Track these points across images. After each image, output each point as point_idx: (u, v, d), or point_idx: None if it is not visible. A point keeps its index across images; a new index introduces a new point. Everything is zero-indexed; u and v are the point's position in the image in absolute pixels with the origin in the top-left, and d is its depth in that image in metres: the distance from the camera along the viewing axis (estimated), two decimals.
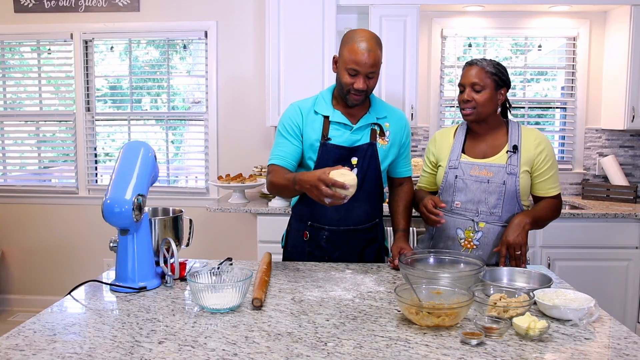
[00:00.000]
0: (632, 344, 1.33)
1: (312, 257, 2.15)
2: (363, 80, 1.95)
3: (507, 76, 2.03)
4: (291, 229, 2.25)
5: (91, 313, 1.56)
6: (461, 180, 2.05)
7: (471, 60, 2.05)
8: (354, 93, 1.97)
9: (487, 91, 1.99)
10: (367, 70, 1.93)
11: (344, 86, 1.98)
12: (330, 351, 1.29)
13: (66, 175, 4.20)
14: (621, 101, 3.62)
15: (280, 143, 2.08)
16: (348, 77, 1.96)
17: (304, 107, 2.09)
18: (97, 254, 4.06)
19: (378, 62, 1.96)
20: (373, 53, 1.93)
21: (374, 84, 2.01)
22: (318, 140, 2.04)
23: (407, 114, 3.54)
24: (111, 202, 1.70)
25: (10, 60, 4.27)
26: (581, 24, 3.85)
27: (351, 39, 1.95)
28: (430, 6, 3.67)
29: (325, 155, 2.03)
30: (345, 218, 2.11)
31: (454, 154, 2.09)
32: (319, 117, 2.07)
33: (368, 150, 2.07)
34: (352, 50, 1.93)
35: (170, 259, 1.81)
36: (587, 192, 3.83)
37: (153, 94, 4.23)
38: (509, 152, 2.02)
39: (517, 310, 1.46)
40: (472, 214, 2.03)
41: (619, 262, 3.34)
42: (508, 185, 1.99)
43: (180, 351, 1.29)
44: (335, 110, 2.07)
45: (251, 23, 3.90)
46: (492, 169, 2.02)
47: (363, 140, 2.07)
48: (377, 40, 1.96)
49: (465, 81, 2.02)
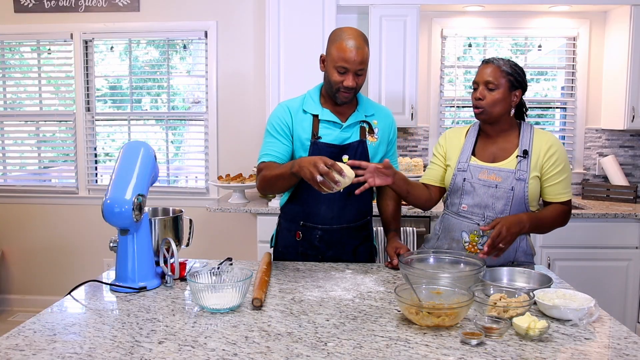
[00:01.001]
0: (632, 344, 1.33)
1: (305, 257, 2.14)
2: (352, 77, 1.96)
3: (523, 78, 1.99)
4: (281, 229, 2.23)
5: (91, 313, 1.56)
6: (469, 184, 2.01)
7: (488, 59, 2.01)
8: (343, 91, 1.98)
9: (501, 91, 1.95)
10: (356, 67, 1.94)
11: (333, 84, 1.99)
12: (330, 351, 1.29)
13: (66, 175, 4.20)
14: (621, 101, 3.62)
15: (270, 142, 2.08)
16: (337, 75, 1.97)
17: (292, 107, 2.11)
18: (97, 254, 4.06)
19: (366, 59, 1.97)
20: (361, 50, 1.94)
21: (362, 81, 2.02)
22: (308, 139, 2.05)
23: (407, 114, 3.55)
24: (111, 202, 1.70)
25: (10, 60, 4.27)
26: (581, 24, 3.85)
27: (339, 37, 1.96)
28: (430, 6, 3.67)
29: (317, 154, 2.02)
30: (338, 216, 2.11)
31: (464, 156, 2.05)
32: (308, 116, 2.08)
33: (358, 148, 2.07)
34: (341, 48, 1.93)
35: (170, 259, 1.81)
36: (587, 192, 3.83)
37: (153, 94, 4.23)
38: (518, 157, 1.98)
39: (517, 310, 1.46)
40: (478, 218, 2.00)
41: (619, 262, 3.34)
42: (516, 191, 1.95)
43: (180, 351, 1.29)
44: (324, 109, 2.08)
45: (251, 23, 3.90)
46: (501, 174, 1.97)
47: (353, 137, 2.08)
48: (364, 38, 1.98)
49: (479, 79, 1.99)
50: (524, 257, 2.03)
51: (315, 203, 2.09)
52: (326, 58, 2.03)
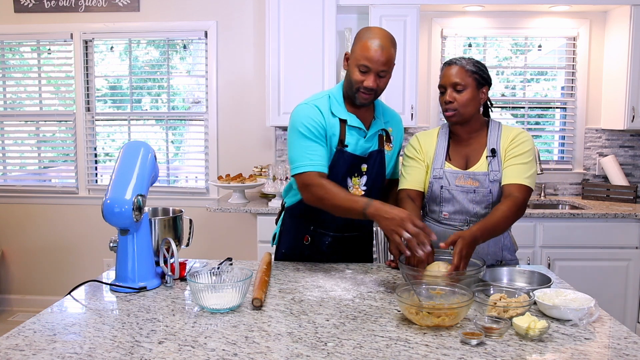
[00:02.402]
0: (632, 344, 1.33)
1: (310, 260, 2.10)
2: (374, 78, 1.87)
3: (487, 74, 1.96)
4: (286, 229, 2.16)
5: (91, 313, 1.56)
6: (447, 191, 1.97)
7: (450, 60, 1.97)
8: (363, 91, 1.89)
9: (469, 90, 1.91)
10: (378, 67, 1.85)
11: (354, 83, 1.89)
12: (330, 351, 1.29)
13: (66, 175, 4.20)
14: (621, 101, 3.62)
15: (308, 147, 1.89)
16: (359, 74, 1.87)
17: (322, 107, 1.95)
18: (97, 254, 4.06)
19: (391, 61, 1.88)
20: (386, 51, 1.85)
21: (384, 84, 1.92)
22: (335, 146, 1.95)
23: (407, 114, 3.55)
24: (111, 202, 1.70)
25: (10, 60, 4.27)
26: (581, 24, 3.85)
27: (364, 35, 1.88)
28: (430, 6, 3.67)
29: (341, 162, 1.96)
30: (352, 224, 2.06)
31: (438, 162, 2.00)
32: (336, 119, 1.96)
33: (377, 158, 2.02)
34: (365, 46, 1.85)
35: (170, 259, 1.81)
36: (587, 192, 3.83)
37: (153, 94, 4.23)
38: (488, 157, 1.96)
39: (517, 310, 1.46)
40: (461, 224, 1.98)
41: (619, 262, 3.34)
42: (494, 193, 1.94)
43: (180, 351, 1.29)
44: (350, 114, 1.97)
45: (251, 23, 3.90)
46: (477, 178, 1.95)
47: (373, 147, 2.02)
48: (391, 39, 1.89)
49: (445, 82, 1.95)
50: (510, 255, 2.03)
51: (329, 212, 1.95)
52: (350, 56, 1.93)
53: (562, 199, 3.84)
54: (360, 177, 2.01)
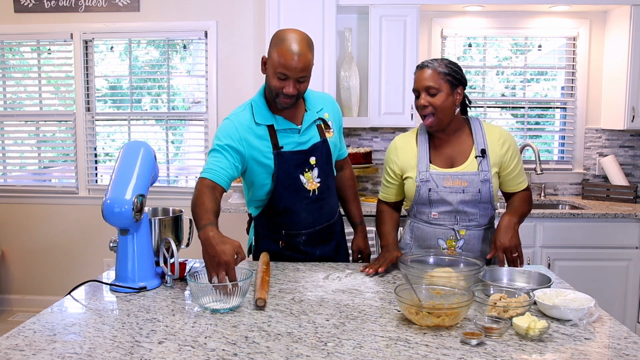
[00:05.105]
0: (632, 344, 1.33)
1: (292, 261, 2.10)
2: (293, 84, 1.85)
3: (461, 74, 1.95)
4: (259, 237, 2.16)
5: (91, 313, 1.56)
6: (435, 193, 1.97)
7: (422, 63, 1.95)
8: (283, 97, 1.88)
9: (444, 93, 1.90)
10: (297, 75, 1.84)
11: (273, 89, 1.88)
12: (330, 351, 1.29)
13: (66, 175, 4.20)
14: (621, 101, 3.62)
15: (214, 157, 1.92)
16: (277, 81, 1.86)
17: (243, 120, 1.96)
18: (97, 254, 4.06)
19: (308, 66, 1.86)
20: (303, 57, 1.82)
21: (304, 87, 1.91)
22: (270, 152, 1.96)
23: (406, 114, 3.55)
24: (111, 202, 1.70)
25: (10, 60, 4.27)
26: (581, 24, 3.85)
27: (281, 40, 1.84)
28: (430, 6, 3.67)
29: (284, 163, 1.97)
30: (319, 218, 2.11)
31: (422, 165, 1.99)
32: (262, 127, 1.97)
33: (322, 148, 2.04)
34: (281, 53, 1.82)
35: (170, 259, 1.81)
36: (587, 192, 3.83)
37: (153, 94, 4.23)
38: (477, 157, 1.96)
39: (517, 310, 1.46)
40: (451, 223, 1.99)
41: (619, 262, 3.34)
42: (483, 193, 1.95)
43: (180, 351, 1.29)
44: (277, 116, 1.98)
45: (251, 23, 3.90)
46: (466, 178, 1.95)
47: (314, 139, 2.03)
48: (308, 42, 1.86)
49: (418, 86, 1.93)
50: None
51: (294, 212, 2.05)
52: (267, 61, 1.90)
53: (562, 199, 3.84)
54: (311, 170, 2.03)
